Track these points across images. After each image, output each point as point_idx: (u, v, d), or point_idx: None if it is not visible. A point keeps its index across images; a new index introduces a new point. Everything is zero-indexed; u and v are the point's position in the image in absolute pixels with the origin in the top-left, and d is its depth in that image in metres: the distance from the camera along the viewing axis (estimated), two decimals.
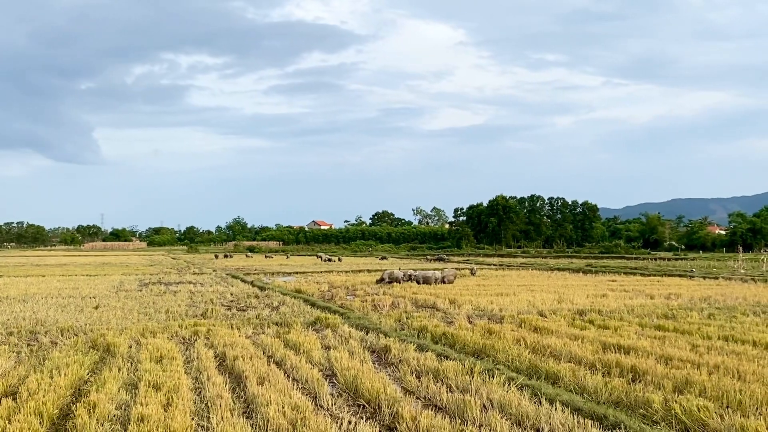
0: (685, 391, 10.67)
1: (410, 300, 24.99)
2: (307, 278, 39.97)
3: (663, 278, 37.95)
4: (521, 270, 48.31)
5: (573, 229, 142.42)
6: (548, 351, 13.87)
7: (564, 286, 31.13)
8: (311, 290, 29.00)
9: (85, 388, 11.06)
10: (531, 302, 23.50)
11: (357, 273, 44.73)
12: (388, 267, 51.70)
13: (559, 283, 33.99)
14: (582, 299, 24.61)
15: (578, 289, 29.73)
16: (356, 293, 28.56)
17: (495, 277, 39.35)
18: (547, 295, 26.40)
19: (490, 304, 22.82)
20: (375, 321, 18.84)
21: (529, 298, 24.92)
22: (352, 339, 15.81)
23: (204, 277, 40.52)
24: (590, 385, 11.02)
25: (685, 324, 17.74)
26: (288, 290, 29.80)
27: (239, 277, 39.93)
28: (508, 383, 11.11)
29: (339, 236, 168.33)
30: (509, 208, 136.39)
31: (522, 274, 42.32)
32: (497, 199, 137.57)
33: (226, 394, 10.49)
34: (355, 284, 33.34)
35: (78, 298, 25.85)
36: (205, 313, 20.88)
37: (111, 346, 14.48)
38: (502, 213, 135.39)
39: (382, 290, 29.30)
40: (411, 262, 66.99)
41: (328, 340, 15.67)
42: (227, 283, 35.64)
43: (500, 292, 27.81)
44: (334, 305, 23.54)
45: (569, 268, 48.97)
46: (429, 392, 10.80)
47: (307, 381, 11.47)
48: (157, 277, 40.55)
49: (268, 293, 28.40)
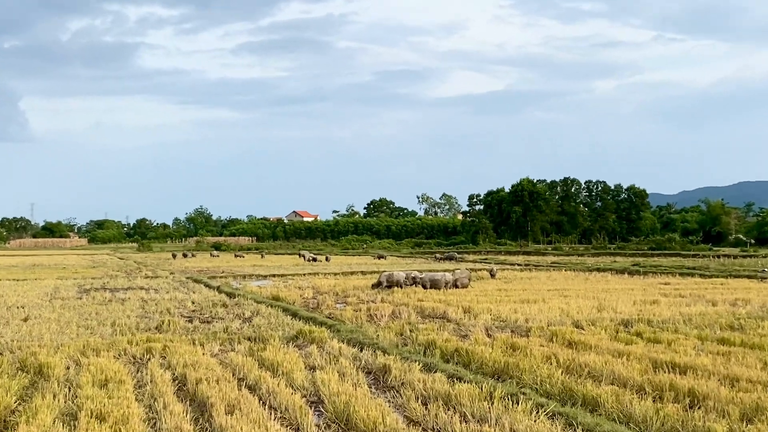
0: (755, 419, 10.71)
1: (415, 308, 25.04)
2: (287, 282, 39.97)
3: (728, 280, 38.04)
4: (552, 271, 48.39)
5: (616, 220, 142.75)
6: (586, 371, 13.91)
7: (605, 291, 31.18)
8: (292, 297, 29.05)
9: (11, 420, 11.08)
10: (564, 311, 23.54)
11: (349, 275, 44.79)
12: (388, 268, 51.74)
13: (599, 286, 34.03)
14: (627, 306, 24.67)
15: (623, 294, 29.77)
16: (348, 300, 28.59)
17: (520, 280, 39.37)
18: (584, 301, 26.41)
19: (514, 314, 22.85)
20: (371, 335, 18.87)
21: (561, 305, 24.95)
22: (342, 357, 15.84)
23: (159, 281, 40.57)
24: (638, 412, 11.05)
25: (756, 337, 17.79)
26: (263, 297, 29.80)
27: (203, 281, 39.99)
28: (536, 411, 11.13)
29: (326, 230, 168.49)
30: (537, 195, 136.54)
31: (553, 276, 42.37)
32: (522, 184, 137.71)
33: (187, 425, 10.51)
34: (347, 289, 33.36)
35: (2, 308, 25.86)
36: (161, 326, 20.92)
37: (44, 367, 14.50)
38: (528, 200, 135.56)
39: (380, 297, 29.33)
40: (416, 262, 67.06)
41: (314, 359, 15.70)
42: (188, 288, 35.64)
43: (526, 298, 27.84)
44: (321, 315, 23.54)
45: (611, 269, 49.08)
46: (438, 422, 10.82)
47: (288, 409, 11.50)
48: (101, 281, 40.60)
49: (238, 301, 28.42)
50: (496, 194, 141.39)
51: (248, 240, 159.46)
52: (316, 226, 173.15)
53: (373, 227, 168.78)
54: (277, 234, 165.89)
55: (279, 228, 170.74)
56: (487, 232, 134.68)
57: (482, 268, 50.95)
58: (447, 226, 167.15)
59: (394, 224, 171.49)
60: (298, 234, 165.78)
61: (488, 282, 38.44)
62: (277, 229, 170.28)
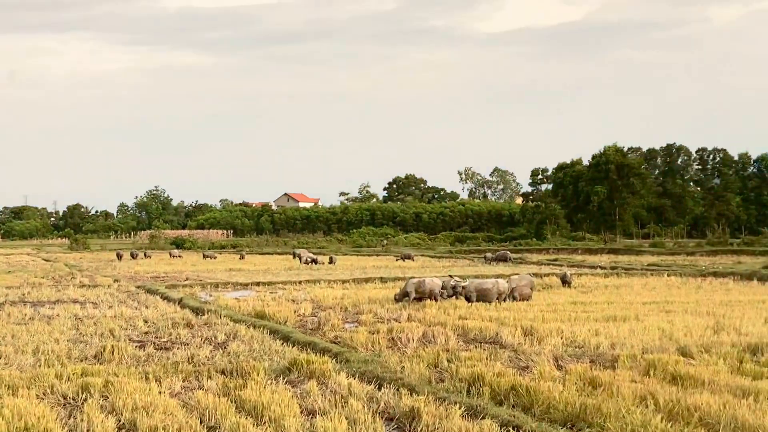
0: None
1: (455, 329, 24.99)
2: (277, 293, 40.01)
3: None
4: (649, 276, 48.13)
5: (741, 204, 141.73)
6: (696, 417, 13.84)
7: (725, 304, 30.94)
8: (283, 314, 29.10)
9: None
10: (666, 332, 23.40)
11: (362, 283, 44.81)
12: (417, 273, 51.75)
13: (717, 298, 33.76)
14: (757, 326, 24.47)
15: (750, 308, 29.53)
16: (361, 319, 28.58)
17: (603, 289, 39.15)
18: (694, 319, 26.21)
19: (595, 336, 22.71)
20: (393, 366, 18.87)
21: (662, 324, 24.79)
22: (353, 397, 15.87)
23: (99, 291, 40.83)
24: None
25: None
26: (243, 314, 29.82)
27: (159, 291, 40.17)
28: None
29: (331, 220, 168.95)
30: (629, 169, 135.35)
31: (651, 284, 42.11)
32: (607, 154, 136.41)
33: None
34: (360, 303, 33.34)
35: None
36: (102, 355, 21.05)
37: None
38: (615, 177, 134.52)
39: (406, 313, 29.30)
40: (456, 265, 66.98)
41: (313, 400, 15.74)
42: (138, 302, 35.80)
43: (612, 314, 27.69)
44: (324, 340, 23.54)
45: (734, 273, 48.72)
46: None
47: None
48: (19, 292, 40.95)
49: (208, 319, 28.49)
50: (570, 169, 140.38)
51: (222, 234, 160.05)
52: (316, 214, 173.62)
53: (397, 215, 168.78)
54: (262, 226, 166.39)
55: (265, 217, 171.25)
56: (557, 221, 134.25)
57: (550, 272, 50.81)
58: (501, 214, 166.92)
59: (427, 211, 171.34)
60: (292, 226, 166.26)
61: (559, 292, 38.24)
62: (262, 218, 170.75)
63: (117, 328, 26.29)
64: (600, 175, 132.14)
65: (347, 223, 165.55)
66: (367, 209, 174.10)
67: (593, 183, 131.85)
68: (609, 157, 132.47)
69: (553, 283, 42.93)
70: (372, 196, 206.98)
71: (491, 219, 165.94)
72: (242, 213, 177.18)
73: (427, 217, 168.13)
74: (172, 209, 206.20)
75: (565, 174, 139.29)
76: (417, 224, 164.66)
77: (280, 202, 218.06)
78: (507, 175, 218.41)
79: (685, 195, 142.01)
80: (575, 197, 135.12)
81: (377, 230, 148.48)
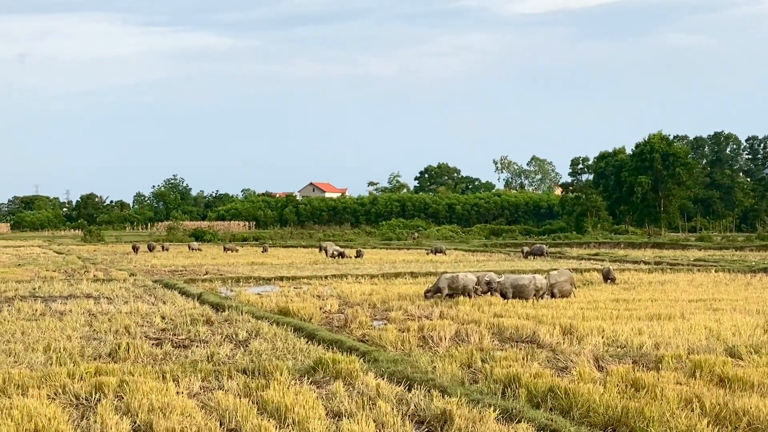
0: None
1: (490, 328, 24.98)
2: (301, 288, 40.08)
3: None
4: (696, 272, 47.86)
5: None
6: (744, 421, 13.77)
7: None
8: (308, 311, 29.15)
9: None
10: (714, 331, 23.28)
11: (391, 279, 44.81)
12: (450, 268, 51.69)
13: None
14: None
15: None
16: (390, 316, 28.61)
17: (647, 285, 38.96)
18: (743, 317, 26.04)
19: (638, 336, 22.62)
20: (424, 367, 18.88)
21: (709, 323, 24.66)
22: (381, 399, 15.89)
23: (114, 286, 41.05)
24: None
25: None
26: (265, 311, 29.89)
27: (177, 286, 40.33)
28: None
29: (358, 212, 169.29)
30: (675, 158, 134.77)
31: (697, 280, 41.87)
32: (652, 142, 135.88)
33: None
34: (389, 299, 33.35)
35: None
36: (116, 352, 21.17)
37: None
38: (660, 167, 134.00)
39: (438, 310, 29.31)
40: (491, 259, 66.82)
41: (339, 402, 15.77)
42: (155, 297, 35.94)
43: (656, 312, 27.57)
44: (350, 338, 23.55)
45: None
46: None
47: None
48: (30, 286, 41.22)
49: (229, 316, 28.60)
50: (612, 158, 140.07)
51: (244, 226, 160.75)
52: (343, 205, 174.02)
53: (429, 207, 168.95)
54: (286, 217, 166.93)
55: (289, 208, 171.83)
56: (598, 214, 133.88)
57: (591, 267, 50.60)
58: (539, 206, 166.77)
59: (460, 202, 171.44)
60: (318, 217, 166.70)
61: (600, 288, 38.10)
62: (286, 209, 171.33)
63: (132, 325, 26.43)
64: (644, 164, 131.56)
65: (376, 215, 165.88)
66: (397, 200, 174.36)
67: (637, 173, 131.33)
68: (654, 146, 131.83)
69: (594, 279, 42.78)
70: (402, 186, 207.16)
71: (528, 211, 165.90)
72: (265, 204, 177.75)
73: (460, 208, 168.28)
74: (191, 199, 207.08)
75: (607, 163, 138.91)
76: (450, 216, 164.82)
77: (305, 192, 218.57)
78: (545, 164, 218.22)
79: (734, 186, 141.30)
80: (618, 188, 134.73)
81: (408, 222, 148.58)
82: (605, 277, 41.46)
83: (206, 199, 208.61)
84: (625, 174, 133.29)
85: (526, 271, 44.39)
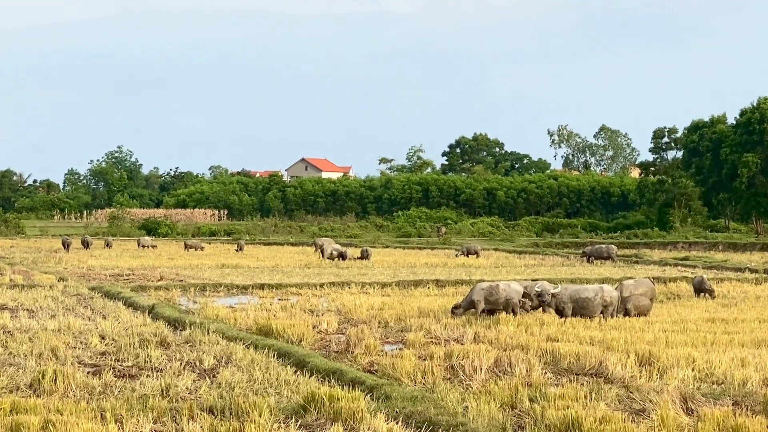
0: None
1: (541, 356, 24.97)
2: (288, 300, 40.10)
3: None
4: None
5: None
6: None
7: None
8: (297, 330, 29.16)
9: None
10: None
11: (409, 288, 44.79)
12: (487, 275, 51.68)
13: None
14: None
15: None
16: (407, 339, 28.56)
17: (753, 300, 38.89)
18: None
19: (740, 368, 22.54)
20: (453, 407, 18.86)
21: None
22: None
23: (38, 294, 41.10)
24: None
25: None
26: (240, 329, 29.96)
27: (122, 296, 40.38)
28: None
29: (366, 197, 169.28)
30: None
31: None
32: (763, 108, 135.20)
33: None
34: (405, 316, 33.35)
35: None
36: (40, 383, 21.15)
37: None
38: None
39: (472, 331, 29.29)
40: (544, 263, 66.78)
41: None
42: (93, 309, 35.99)
43: (764, 337, 27.61)
44: (354, 367, 23.58)
45: None
46: None
47: None
48: None
49: (191, 335, 28.60)
50: (708, 129, 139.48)
51: (212, 216, 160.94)
52: (346, 189, 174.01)
53: (461, 192, 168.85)
54: (269, 204, 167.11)
55: (274, 192, 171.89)
56: (689, 204, 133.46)
57: (679, 275, 50.59)
58: (609, 192, 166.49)
59: (503, 186, 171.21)
60: (311, 205, 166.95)
61: (690, 304, 38.04)
62: (269, 194, 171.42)
63: (62, 347, 26.41)
64: (752, 138, 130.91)
65: (390, 202, 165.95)
66: (418, 183, 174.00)
67: (742, 150, 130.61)
68: (765, 113, 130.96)
69: (683, 291, 42.74)
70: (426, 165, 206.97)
71: (595, 199, 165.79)
72: (241, 186, 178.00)
73: (503, 194, 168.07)
74: (142, 179, 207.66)
75: (701, 136, 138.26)
76: (489, 205, 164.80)
77: (295, 171, 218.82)
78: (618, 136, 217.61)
79: None
80: (716, 170, 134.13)
81: (432, 213, 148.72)
82: (697, 289, 41.36)
83: (162, 180, 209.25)
84: (725, 151, 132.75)
85: (592, 281, 44.31)
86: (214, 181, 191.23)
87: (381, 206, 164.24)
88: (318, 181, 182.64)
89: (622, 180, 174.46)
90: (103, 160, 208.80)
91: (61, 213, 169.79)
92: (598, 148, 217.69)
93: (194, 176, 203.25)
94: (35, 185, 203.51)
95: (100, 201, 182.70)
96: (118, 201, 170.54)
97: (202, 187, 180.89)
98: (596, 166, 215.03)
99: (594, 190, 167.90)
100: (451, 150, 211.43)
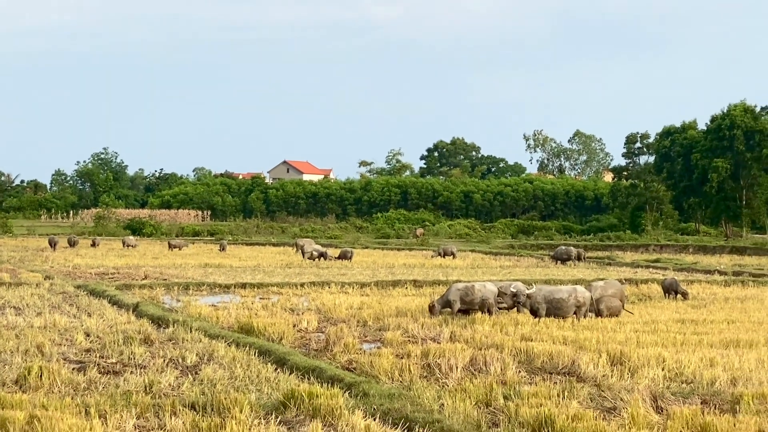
0: None
1: (515, 355, 25.03)
2: (269, 299, 40.08)
3: None
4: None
5: None
6: None
7: None
8: (278, 328, 29.18)
9: None
10: None
11: (388, 288, 44.81)
12: (464, 276, 51.73)
13: None
14: None
15: None
16: (385, 337, 28.62)
17: (722, 302, 38.96)
18: None
19: (708, 368, 22.63)
20: (429, 404, 18.90)
21: None
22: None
23: (24, 292, 41.03)
24: None
25: None
26: (222, 327, 29.93)
27: (107, 294, 40.31)
28: None
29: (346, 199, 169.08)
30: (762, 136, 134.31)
31: None
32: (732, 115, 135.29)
33: None
34: (384, 315, 33.37)
35: None
36: (25, 379, 21.14)
37: None
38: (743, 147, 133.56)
39: (449, 330, 29.35)
40: (519, 265, 66.81)
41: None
42: (78, 307, 35.91)
43: (733, 338, 27.60)
44: (333, 364, 23.60)
45: None
46: None
47: None
48: None
49: (174, 333, 28.61)
50: (679, 135, 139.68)
51: (196, 216, 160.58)
52: (327, 191, 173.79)
53: (438, 195, 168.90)
54: (251, 206, 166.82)
55: (256, 194, 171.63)
56: (660, 208, 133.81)
57: (650, 277, 50.65)
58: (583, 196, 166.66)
59: (480, 189, 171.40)
60: (293, 206, 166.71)
61: (661, 305, 38.12)
62: (251, 196, 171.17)
63: (47, 343, 26.38)
64: (722, 144, 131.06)
65: (369, 204, 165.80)
66: (397, 185, 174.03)
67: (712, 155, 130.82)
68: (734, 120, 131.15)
69: (654, 292, 42.81)
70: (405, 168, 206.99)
71: (569, 202, 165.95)
72: (224, 187, 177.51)
73: (480, 197, 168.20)
74: (128, 180, 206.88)
75: (672, 142, 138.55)
76: (466, 207, 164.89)
77: (277, 173, 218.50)
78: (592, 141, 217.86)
79: None
80: (686, 174, 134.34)
81: (410, 215, 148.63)
82: (668, 290, 41.48)
83: (147, 181, 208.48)
84: (696, 156, 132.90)
85: (565, 282, 44.41)
86: (197, 182, 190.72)
87: (361, 208, 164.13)
88: (299, 183, 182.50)
89: (596, 184, 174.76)
90: (90, 162, 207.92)
91: (48, 213, 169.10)
92: (573, 153, 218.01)
93: (178, 177, 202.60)
94: (23, 185, 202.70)
95: (87, 201, 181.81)
96: (104, 201, 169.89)
97: (186, 188, 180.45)
98: (571, 170, 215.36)
99: (568, 193, 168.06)
100: (429, 153, 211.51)
